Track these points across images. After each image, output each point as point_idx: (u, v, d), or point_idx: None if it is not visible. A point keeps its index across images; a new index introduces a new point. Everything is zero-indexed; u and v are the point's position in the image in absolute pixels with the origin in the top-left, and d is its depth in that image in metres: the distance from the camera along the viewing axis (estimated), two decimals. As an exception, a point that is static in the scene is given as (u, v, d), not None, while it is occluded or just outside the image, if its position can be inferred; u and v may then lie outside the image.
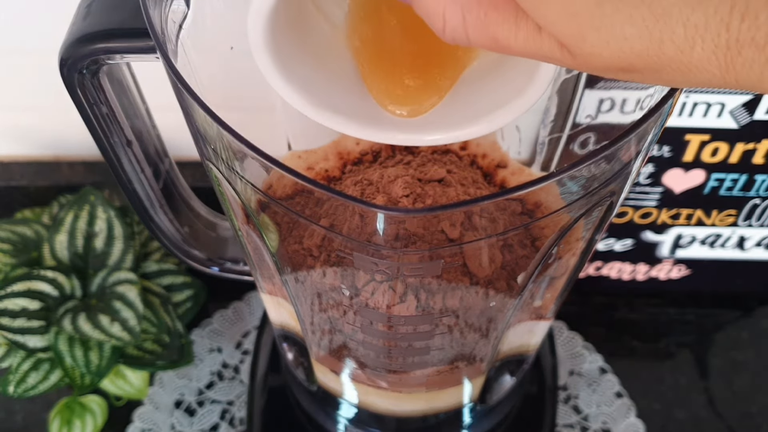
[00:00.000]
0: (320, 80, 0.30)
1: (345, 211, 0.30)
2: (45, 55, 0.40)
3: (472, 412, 0.47)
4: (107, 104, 0.34)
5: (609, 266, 0.59)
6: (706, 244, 0.57)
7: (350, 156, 0.43)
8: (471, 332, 0.36)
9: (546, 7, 0.19)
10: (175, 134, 0.43)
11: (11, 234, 0.54)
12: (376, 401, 0.45)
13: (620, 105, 0.44)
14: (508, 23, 0.21)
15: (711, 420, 0.56)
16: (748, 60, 0.16)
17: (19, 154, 0.62)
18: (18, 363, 0.50)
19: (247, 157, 0.25)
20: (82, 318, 0.49)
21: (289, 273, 0.35)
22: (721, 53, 0.16)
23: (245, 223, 0.33)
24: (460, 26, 0.22)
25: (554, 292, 0.39)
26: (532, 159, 0.43)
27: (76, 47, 0.30)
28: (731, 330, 0.60)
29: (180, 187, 0.42)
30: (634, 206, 0.54)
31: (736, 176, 0.52)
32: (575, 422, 0.55)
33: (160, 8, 0.29)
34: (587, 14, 0.18)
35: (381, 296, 0.33)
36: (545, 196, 0.32)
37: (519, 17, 0.21)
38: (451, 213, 0.32)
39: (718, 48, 0.16)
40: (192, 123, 0.28)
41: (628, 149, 0.26)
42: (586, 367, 0.58)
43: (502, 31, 0.22)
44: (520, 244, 0.34)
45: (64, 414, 0.53)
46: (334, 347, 0.40)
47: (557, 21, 0.19)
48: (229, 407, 0.55)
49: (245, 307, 0.60)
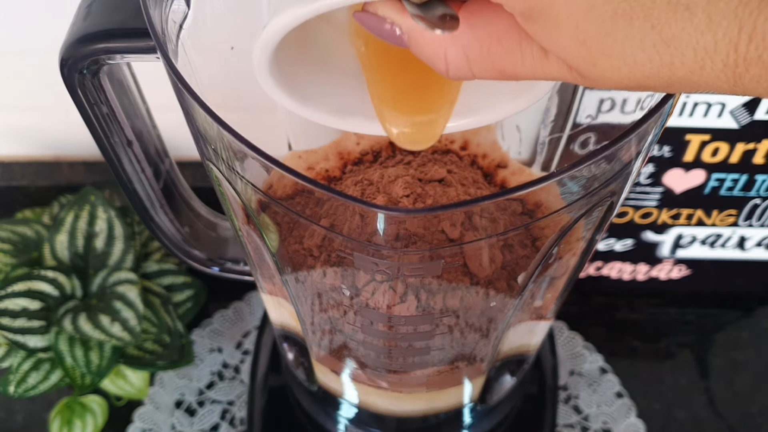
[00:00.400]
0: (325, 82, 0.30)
1: (345, 211, 0.30)
2: (45, 55, 0.40)
3: (473, 412, 0.47)
4: (108, 104, 0.34)
5: (609, 266, 0.59)
6: (707, 244, 0.57)
7: (351, 156, 0.43)
8: (471, 332, 0.36)
9: (557, 36, 0.19)
10: (176, 134, 0.43)
11: (12, 234, 0.54)
12: (377, 401, 0.45)
13: (621, 105, 0.44)
14: (513, 54, 0.21)
15: (711, 420, 0.56)
16: (756, 76, 0.17)
17: (20, 154, 0.62)
18: (18, 363, 0.50)
19: (247, 157, 0.25)
20: (83, 318, 0.49)
21: (290, 273, 0.35)
22: (729, 71, 0.17)
23: (245, 223, 0.33)
24: (463, 66, 0.22)
25: (555, 292, 0.39)
26: (533, 159, 0.43)
27: (76, 47, 0.30)
28: (732, 330, 0.60)
29: (180, 187, 0.42)
30: (635, 206, 0.54)
31: (736, 176, 0.52)
32: (576, 422, 0.55)
33: (161, 8, 0.29)
34: (597, 41, 0.18)
35: (381, 296, 0.33)
36: (546, 196, 0.32)
37: (524, 45, 0.21)
38: (451, 213, 0.32)
39: (727, 67, 0.17)
40: (192, 123, 0.28)
41: (629, 149, 0.26)
42: (586, 367, 0.58)
43: (508, 63, 0.21)
44: (520, 244, 0.34)
45: (65, 414, 0.53)
46: (335, 347, 0.40)
47: (567, 48, 0.19)
48: (230, 407, 0.55)
49: (246, 307, 0.60)
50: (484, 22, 0.21)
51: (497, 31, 0.21)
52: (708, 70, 0.17)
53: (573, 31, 0.18)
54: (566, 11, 0.18)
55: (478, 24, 0.21)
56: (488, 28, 0.21)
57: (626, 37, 0.17)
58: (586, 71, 0.19)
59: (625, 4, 0.17)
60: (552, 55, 0.20)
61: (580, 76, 0.20)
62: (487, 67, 0.22)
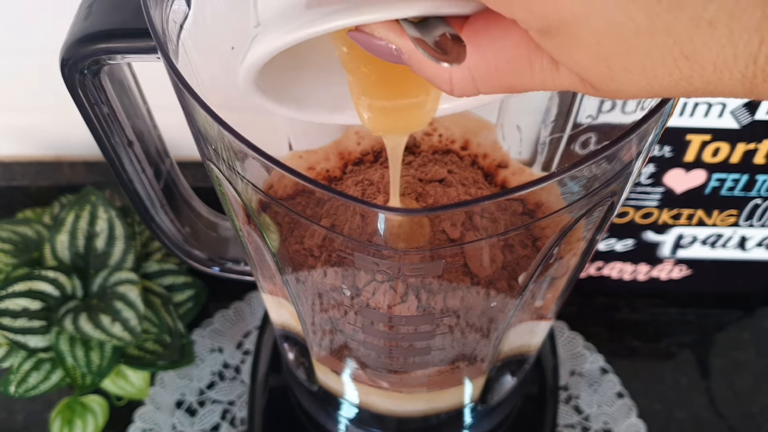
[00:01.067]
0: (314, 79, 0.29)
1: (346, 211, 0.30)
2: (46, 55, 0.40)
3: (473, 412, 0.47)
4: (108, 104, 0.34)
5: (610, 266, 0.59)
6: (707, 245, 0.57)
7: (351, 156, 0.43)
8: (472, 332, 0.36)
9: (576, 52, 0.18)
10: (176, 134, 0.43)
11: (12, 234, 0.54)
12: (377, 401, 0.45)
13: (621, 105, 0.44)
14: (522, 71, 0.20)
15: (712, 420, 0.56)
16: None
17: (21, 154, 0.62)
18: (19, 363, 0.50)
19: (248, 157, 0.25)
20: (83, 318, 0.49)
21: (290, 273, 0.35)
22: (747, 81, 0.17)
23: (246, 223, 0.33)
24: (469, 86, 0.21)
25: (555, 293, 0.39)
26: (533, 159, 0.43)
27: (77, 47, 0.30)
28: (732, 330, 0.60)
29: (181, 187, 0.42)
30: (635, 206, 0.54)
31: (737, 176, 0.51)
32: (576, 422, 0.55)
33: (161, 8, 0.29)
34: (618, 57, 0.18)
35: (382, 296, 0.33)
36: (546, 196, 0.32)
37: (533, 59, 0.20)
38: (452, 213, 0.32)
39: (745, 78, 0.17)
40: (193, 123, 0.28)
41: (629, 149, 0.26)
42: (587, 367, 0.58)
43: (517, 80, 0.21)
44: (521, 244, 0.34)
45: (65, 414, 0.53)
46: (335, 347, 0.40)
47: (586, 64, 0.19)
48: (230, 407, 0.55)
49: (246, 307, 0.60)
50: (490, 40, 0.21)
51: (505, 49, 0.20)
52: (726, 81, 0.17)
53: (594, 48, 0.18)
54: (587, 29, 0.18)
55: (484, 44, 0.21)
56: (495, 47, 0.21)
57: (647, 53, 0.17)
58: (601, 85, 0.19)
59: (648, 21, 0.17)
60: (563, 68, 0.20)
61: (593, 88, 0.20)
62: (495, 85, 0.21)
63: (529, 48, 0.20)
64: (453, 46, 0.20)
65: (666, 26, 0.17)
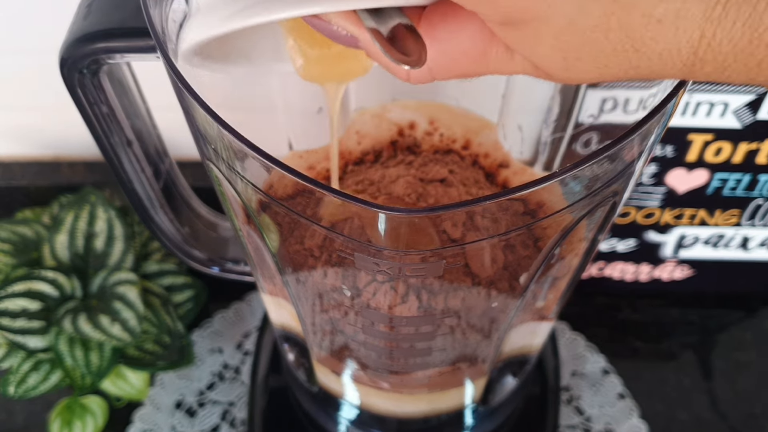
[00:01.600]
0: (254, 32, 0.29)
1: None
2: (45, 55, 0.40)
3: (474, 413, 0.47)
4: (107, 104, 0.34)
5: (612, 267, 0.59)
6: (710, 245, 0.57)
7: (352, 156, 0.43)
8: (473, 333, 0.36)
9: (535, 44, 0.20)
10: (176, 134, 0.43)
11: (11, 234, 0.54)
12: (378, 402, 0.45)
13: (623, 104, 0.44)
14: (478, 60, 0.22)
15: (714, 421, 0.55)
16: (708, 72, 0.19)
17: (20, 153, 0.62)
18: (18, 363, 0.50)
19: (247, 157, 0.25)
20: (83, 318, 0.48)
21: (290, 273, 0.35)
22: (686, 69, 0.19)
23: (246, 223, 0.33)
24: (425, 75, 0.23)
25: (557, 293, 0.38)
26: (535, 159, 0.43)
27: (76, 47, 0.30)
28: (735, 330, 0.60)
29: (180, 187, 0.42)
30: (637, 206, 0.54)
31: (739, 176, 0.51)
32: (578, 423, 0.55)
33: (161, 7, 0.28)
34: (574, 50, 0.19)
35: (382, 297, 0.33)
36: (548, 196, 0.32)
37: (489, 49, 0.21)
38: (453, 213, 0.31)
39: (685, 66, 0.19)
40: (192, 123, 0.28)
41: (631, 149, 0.26)
42: (588, 368, 0.57)
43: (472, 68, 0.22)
44: (522, 244, 0.34)
45: (65, 415, 0.53)
46: (336, 348, 0.39)
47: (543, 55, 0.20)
48: (230, 408, 0.55)
49: (246, 308, 0.60)
50: (447, 34, 0.21)
51: (462, 42, 0.21)
52: (668, 68, 0.19)
53: (553, 41, 0.19)
54: (549, 25, 0.19)
55: (442, 38, 0.22)
56: (453, 41, 0.22)
57: (601, 46, 0.19)
58: (555, 72, 0.21)
59: (603, 18, 0.18)
60: (518, 56, 0.21)
61: (546, 75, 0.21)
62: (450, 74, 0.22)
63: (484, 39, 0.21)
64: (414, 46, 0.21)
65: (620, 23, 0.18)
